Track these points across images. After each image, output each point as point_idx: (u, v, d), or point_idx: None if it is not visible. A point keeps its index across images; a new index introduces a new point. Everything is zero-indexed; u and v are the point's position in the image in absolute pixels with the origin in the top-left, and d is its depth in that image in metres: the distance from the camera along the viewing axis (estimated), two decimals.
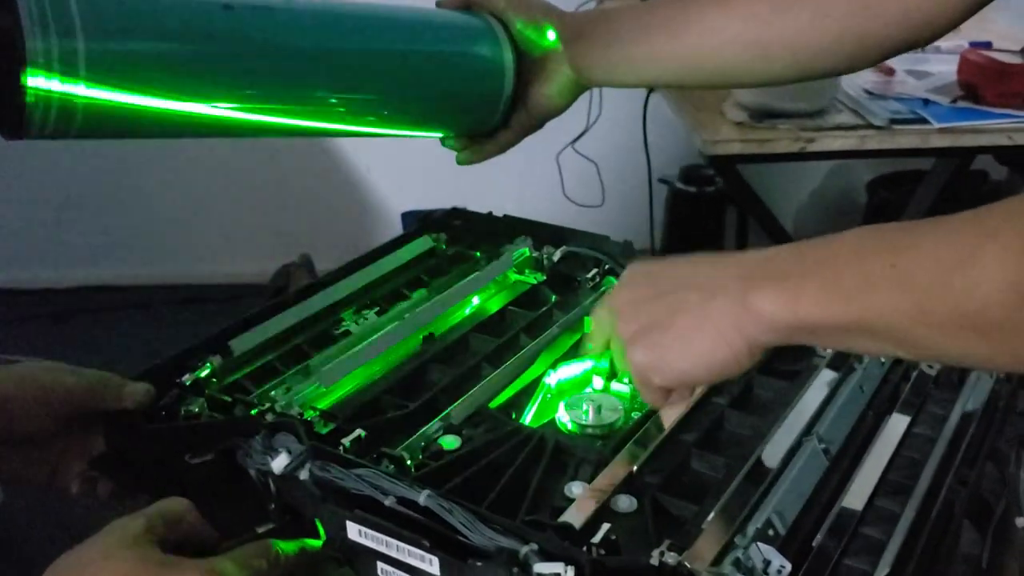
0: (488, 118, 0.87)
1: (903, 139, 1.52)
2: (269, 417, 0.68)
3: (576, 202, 2.39)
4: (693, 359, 0.57)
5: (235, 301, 2.61)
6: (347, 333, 0.81)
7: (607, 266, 0.90)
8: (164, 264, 2.73)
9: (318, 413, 0.69)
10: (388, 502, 0.58)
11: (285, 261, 2.38)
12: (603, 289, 0.88)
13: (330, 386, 0.73)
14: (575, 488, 0.63)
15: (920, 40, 0.77)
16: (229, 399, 0.71)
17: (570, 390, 0.78)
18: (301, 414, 0.68)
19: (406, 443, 0.67)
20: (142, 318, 2.66)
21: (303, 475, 0.60)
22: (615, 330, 0.61)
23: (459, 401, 0.72)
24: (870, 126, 1.54)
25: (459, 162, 0.91)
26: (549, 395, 0.78)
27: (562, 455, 0.67)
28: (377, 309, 0.84)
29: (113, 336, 2.55)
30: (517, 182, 2.40)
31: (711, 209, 2.39)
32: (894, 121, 1.54)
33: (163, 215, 2.68)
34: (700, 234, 2.36)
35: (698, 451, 0.66)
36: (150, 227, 2.70)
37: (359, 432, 0.65)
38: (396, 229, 2.30)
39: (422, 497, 0.57)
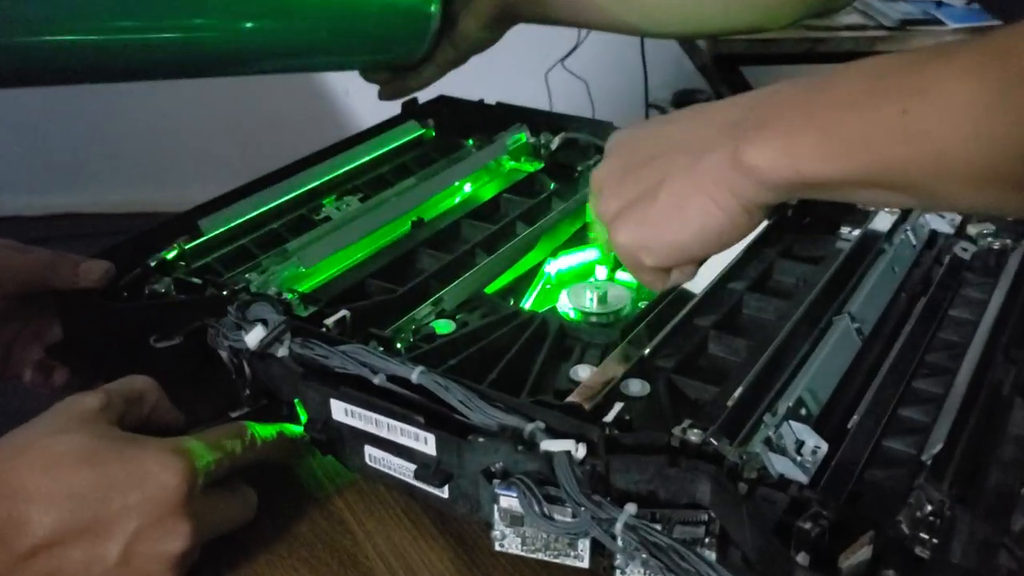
0: (412, 49, 0.83)
1: (915, 41, 1.45)
2: (243, 298, 0.62)
3: None
4: (684, 229, 0.50)
5: None
6: (327, 219, 0.74)
7: None
8: (138, 191, 2.64)
9: (297, 296, 0.63)
10: (378, 380, 0.51)
11: None
12: None
13: (310, 268, 0.66)
14: (581, 371, 0.57)
15: None
16: (199, 281, 0.64)
17: (571, 280, 0.72)
18: (279, 294, 0.62)
19: (395, 325, 0.60)
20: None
21: (281, 352, 0.54)
22: (597, 211, 0.55)
23: (452, 285, 0.65)
24: (881, 27, 1.47)
25: (380, 97, 0.88)
26: (549, 285, 0.72)
27: (567, 339, 0.61)
28: (360, 196, 0.77)
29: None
30: (502, 100, 2.31)
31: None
32: (906, 22, 1.46)
33: (136, 140, 2.59)
34: None
35: (716, 333, 0.60)
36: (123, 153, 2.61)
37: (344, 313, 0.59)
38: None
39: (415, 374, 0.51)
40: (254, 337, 0.53)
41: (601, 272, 0.72)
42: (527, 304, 0.69)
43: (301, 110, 2.55)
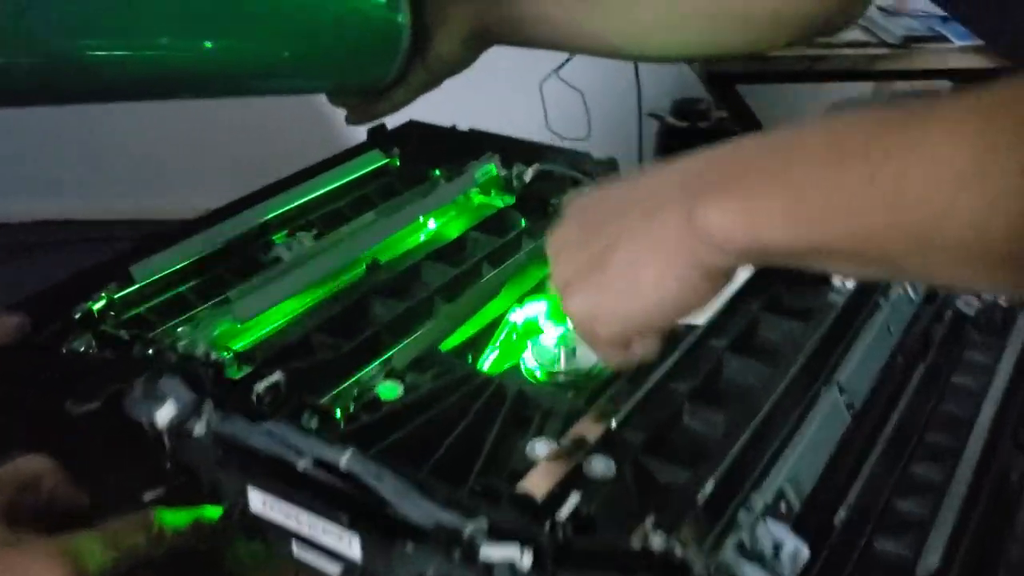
0: (381, 70, 0.77)
1: (919, 59, 1.39)
2: (171, 358, 0.56)
3: (560, 134, 2.25)
4: (639, 297, 0.45)
5: None
6: (278, 259, 0.69)
7: (587, 188, 0.77)
8: (125, 197, 2.59)
9: (231, 354, 0.57)
10: (302, 464, 0.45)
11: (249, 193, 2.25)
12: None
13: (248, 322, 0.60)
14: (539, 447, 0.51)
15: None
16: (125, 335, 0.59)
17: (538, 330, 0.66)
18: (208, 354, 0.56)
19: (335, 391, 0.55)
20: (102, 254, 2.53)
21: (198, 430, 0.48)
22: (552, 281, 0.50)
23: (404, 341, 0.59)
24: (883, 44, 1.40)
25: (348, 122, 0.83)
26: (514, 335, 0.66)
27: (525, 407, 0.55)
28: (314, 232, 0.72)
29: (71, 272, 2.42)
30: (496, 111, 2.24)
31: (705, 146, 2.24)
32: (910, 39, 1.40)
33: (123, 145, 2.53)
34: None
35: (692, 404, 0.54)
36: (109, 158, 2.55)
37: (277, 378, 0.53)
38: None
39: (344, 458, 0.45)
40: (164, 415, 0.47)
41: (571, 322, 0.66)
42: (488, 360, 0.63)
43: (292, 115, 2.50)
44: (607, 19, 0.76)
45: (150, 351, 0.57)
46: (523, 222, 0.74)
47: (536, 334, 0.65)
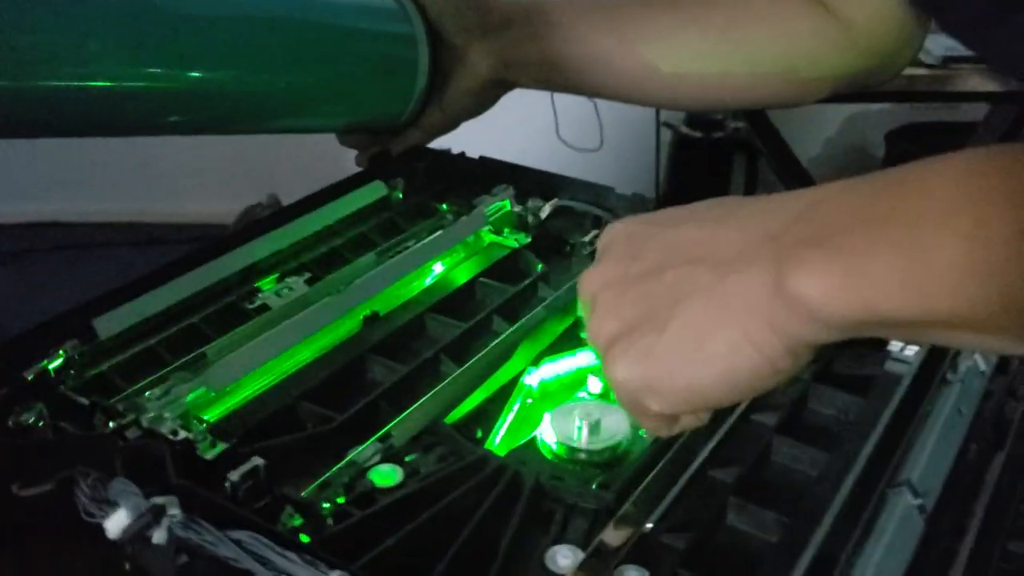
0: (396, 113, 0.73)
1: (959, 82, 1.31)
2: (132, 433, 0.48)
3: (571, 145, 2.17)
4: (704, 370, 0.37)
5: (197, 244, 2.41)
6: (264, 308, 0.61)
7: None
8: (121, 201, 2.52)
9: (204, 428, 0.49)
10: None
11: (251, 202, 2.17)
12: None
13: (223, 389, 0.52)
14: (561, 557, 0.44)
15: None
16: (85, 401, 0.51)
17: (557, 393, 0.59)
18: (176, 431, 0.48)
19: (323, 478, 0.47)
20: (97, 259, 2.46)
21: (158, 537, 0.40)
22: (589, 333, 0.42)
23: (405, 413, 0.52)
24: (921, 64, 1.32)
25: (357, 162, 0.78)
26: (529, 400, 0.58)
27: (545, 501, 0.48)
28: (308, 276, 0.64)
29: (65, 277, 2.35)
30: (505, 122, 2.17)
31: (719, 158, 2.17)
32: (950, 60, 1.32)
33: (119, 147, 2.45)
34: (705, 185, 2.15)
35: (737, 499, 0.47)
36: (105, 160, 2.48)
37: (255, 463, 0.45)
38: None
39: None
40: (116, 524, 0.40)
41: (594, 385, 0.58)
42: (501, 431, 0.55)
43: None
44: (643, 60, 0.70)
45: (111, 424, 0.49)
46: (539, 266, 0.67)
47: (553, 401, 0.58)
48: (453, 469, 0.48)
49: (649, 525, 0.44)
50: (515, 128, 2.20)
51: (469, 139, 0.81)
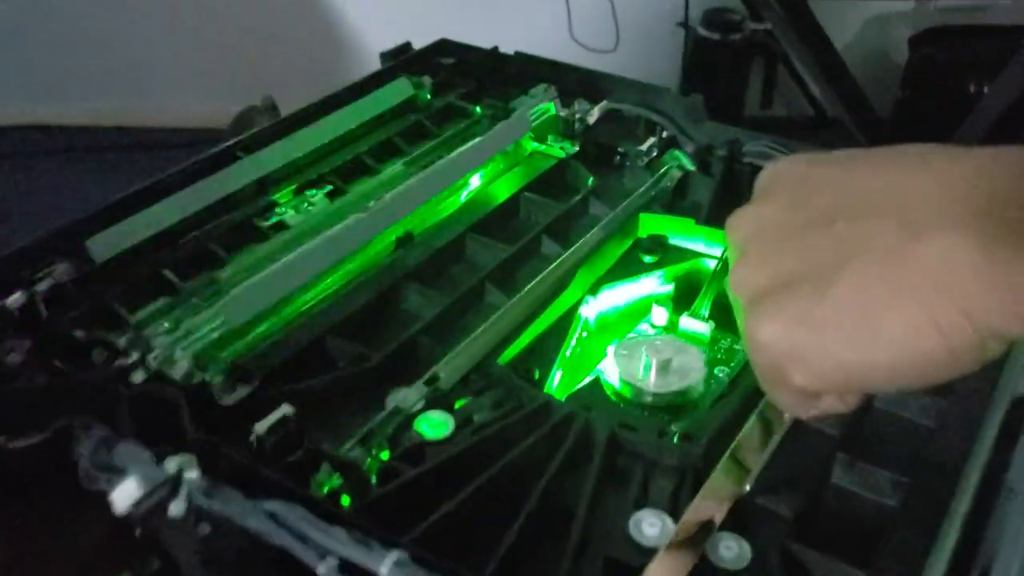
0: None
1: None
2: (137, 376, 0.41)
3: (585, 45, 2.06)
4: (869, 351, 0.30)
5: (191, 148, 2.31)
6: (281, 226, 0.53)
7: (667, 134, 0.62)
8: (110, 103, 2.40)
9: (222, 368, 0.42)
10: (323, 571, 0.31)
11: (243, 103, 2.07)
12: (664, 170, 0.60)
13: (242, 324, 0.45)
14: (647, 525, 0.37)
15: None
16: (81, 336, 0.44)
17: (618, 325, 0.52)
18: (191, 373, 0.41)
19: (364, 430, 0.40)
20: (86, 163, 2.36)
21: (175, 509, 0.34)
22: (733, 280, 0.34)
23: (452, 352, 0.45)
24: None
25: None
26: (586, 333, 0.51)
27: (619, 456, 0.41)
28: (329, 188, 0.56)
29: (52, 183, 2.26)
30: (516, 21, 2.06)
31: (736, 60, 2.07)
32: None
33: (109, 46, 2.34)
34: (721, 88, 2.05)
35: (845, 457, 0.40)
36: (94, 60, 2.36)
37: (283, 411, 0.39)
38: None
39: (386, 566, 0.31)
40: (123, 496, 0.33)
41: (659, 316, 0.51)
42: (558, 374, 0.48)
43: (294, 17, 2.30)
44: None
45: (113, 366, 0.42)
46: (590, 180, 0.59)
47: (610, 335, 0.51)
48: (516, 419, 0.41)
49: (746, 486, 0.38)
50: (527, 28, 2.09)
51: (483, 36, 0.72)
